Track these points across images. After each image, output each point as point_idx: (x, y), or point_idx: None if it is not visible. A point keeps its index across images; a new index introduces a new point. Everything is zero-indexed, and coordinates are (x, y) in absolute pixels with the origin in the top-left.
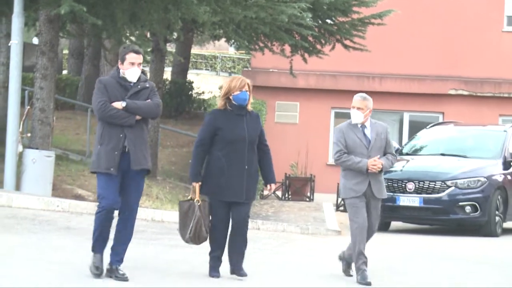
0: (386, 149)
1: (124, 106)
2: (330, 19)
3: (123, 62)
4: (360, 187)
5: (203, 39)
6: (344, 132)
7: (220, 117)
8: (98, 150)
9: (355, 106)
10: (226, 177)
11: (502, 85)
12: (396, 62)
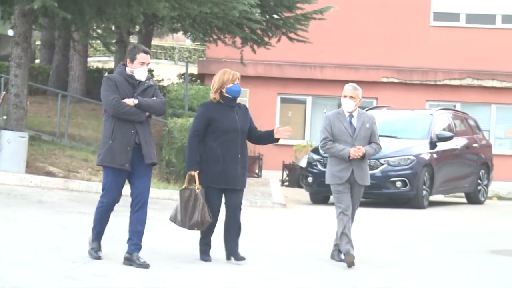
0: (371, 138)
1: (136, 103)
2: (276, 14)
3: (132, 61)
4: (343, 174)
5: (162, 32)
6: (331, 120)
7: (212, 108)
8: (110, 145)
9: (348, 95)
10: (221, 165)
11: (429, 73)
12: (335, 52)
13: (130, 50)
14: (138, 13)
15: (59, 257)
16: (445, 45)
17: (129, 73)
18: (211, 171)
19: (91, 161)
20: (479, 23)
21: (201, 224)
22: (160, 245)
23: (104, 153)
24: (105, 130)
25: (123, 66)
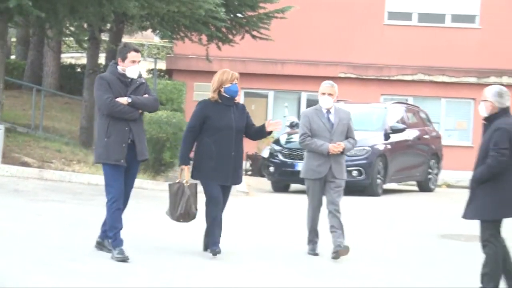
0: (348, 134)
1: (130, 102)
2: (240, 13)
3: (124, 60)
4: (322, 168)
5: (132, 30)
6: (309, 117)
7: (210, 107)
8: (106, 143)
9: (326, 92)
10: (215, 161)
11: (383, 69)
12: (295, 49)
13: (121, 49)
14: (109, 12)
15: (34, 243)
16: (398, 43)
17: (121, 72)
18: (205, 167)
19: (65, 151)
20: (430, 22)
21: (186, 216)
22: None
23: (101, 150)
24: (100, 128)
25: (114, 65)
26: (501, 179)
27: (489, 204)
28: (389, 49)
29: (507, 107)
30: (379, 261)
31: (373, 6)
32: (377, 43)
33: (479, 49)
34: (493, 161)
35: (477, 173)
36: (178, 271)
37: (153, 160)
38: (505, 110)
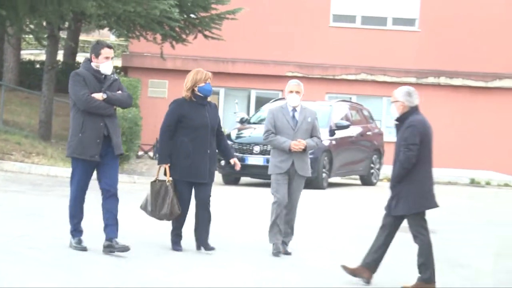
0: (313, 132)
1: (105, 98)
2: (193, 14)
3: (97, 57)
4: (284, 164)
5: (89, 28)
6: (274, 114)
7: (184, 105)
8: (80, 138)
9: (293, 91)
10: (191, 160)
11: (328, 69)
12: (245, 49)
13: (94, 47)
14: (68, 11)
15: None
16: (343, 44)
17: (95, 68)
18: (181, 165)
19: (24, 144)
20: (372, 24)
21: (170, 215)
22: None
23: (75, 145)
24: (74, 123)
25: (88, 62)
26: (417, 173)
27: (411, 199)
28: (334, 50)
29: (416, 105)
30: (324, 251)
31: (319, 9)
32: (322, 44)
33: (418, 51)
34: (403, 157)
35: (394, 173)
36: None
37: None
38: (415, 108)
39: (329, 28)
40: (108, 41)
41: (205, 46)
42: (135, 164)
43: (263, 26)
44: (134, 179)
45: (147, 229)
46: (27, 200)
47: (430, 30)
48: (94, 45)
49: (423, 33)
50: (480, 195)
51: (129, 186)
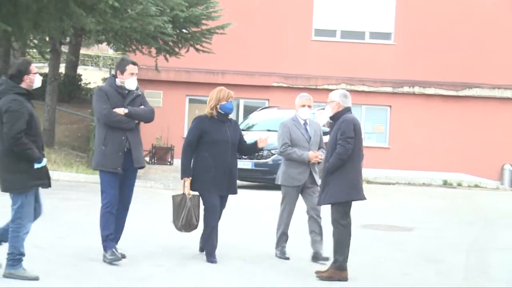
0: (320, 144)
1: (126, 112)
2: (185, 29)
3: (122, 73)
4: (303, 176)
5: (89, 43)
6: (289, 127)
7: (206, 122)
8: (103, 151)
9: (305, 104)
10: (212, 173)
11: (311, 79)
12: (234, 61)
13: (119, 63)
14: (69, 27)
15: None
16: (324, 56)
17: (119, 84)
18: (203, 179)
19: None
20: (351, 38)
21: (188, 227)
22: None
23: (99, 158)
24: (98, 137)
25: (113, 78)
26: (349, 166)
27: (341, 188)
28: (316, 62)
29: (349, 107)
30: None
31: (302, 24)
32: (305, 57)
33: (394, 62)
34: (341, 149)
35: (329, 164)
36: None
37: None
38: (348, 109)
39: (311, 41)
40: (106, 54)
41: (196, 59)
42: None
43: (251, 40)
44: None
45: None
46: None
47: (405, 43)
48: (120, 62)
49: (398, 46)
50: (452, 196)
51: None
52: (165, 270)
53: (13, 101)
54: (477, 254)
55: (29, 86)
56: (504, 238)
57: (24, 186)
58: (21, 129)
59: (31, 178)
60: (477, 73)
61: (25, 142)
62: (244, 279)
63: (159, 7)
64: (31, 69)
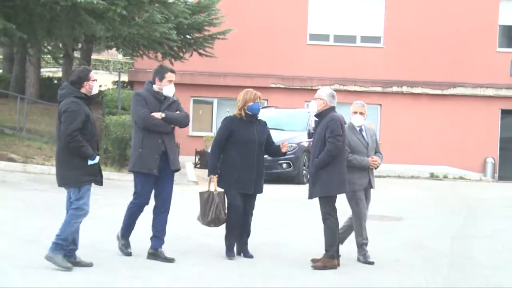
0: (376, 149)
1: (164, 117)
2: (189, 35)
3: (161, 80)
4: (363, 181)
5: (99, 48)
6: (347, 134)
7: (235, 122)
8: (140, 153)
9: (357, 111)
10: (238, 172)
11: (306, 80)
12: (234, 64)
13: (158, 70)
14: (80, 34)
15: (19, 225)
16: (318, 59)
17: (156, 90)
18: (230, 177)
19: (45, 149)
20: (343, 42)
21: (217, 222)
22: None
23: (135, 160)
24: (135, 139)
25: (150, 84)
26: (337, 162)
27: (331, 183)
28: (311, 64)
29: (334, 106)
30: (306, 239)
31: (298, 29)
32: (301, 59)
33: (383, 64)
34: (331, 146)
35: (319, 160)
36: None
37: (118, 155)
38: (333, 108)
39: (306, 45)
40: (116, 59)
41: (199, 63)
42: None
43: (250, 45)
44: None
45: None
46: (47, 198)
47: (393, 46)
48: (159, 69)
49: (387, 49)
50: (438, 187)
51: (131, 184)
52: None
53: (72, 103)
54: (461, 240)
55: (88, 92)
56: (486, 226)
57: (78, 181)
58: (76, 128)
59: (85, 174)
60: (461, 73)
61: (80, 140)
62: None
63: (164, 14)
64: (90, 76)
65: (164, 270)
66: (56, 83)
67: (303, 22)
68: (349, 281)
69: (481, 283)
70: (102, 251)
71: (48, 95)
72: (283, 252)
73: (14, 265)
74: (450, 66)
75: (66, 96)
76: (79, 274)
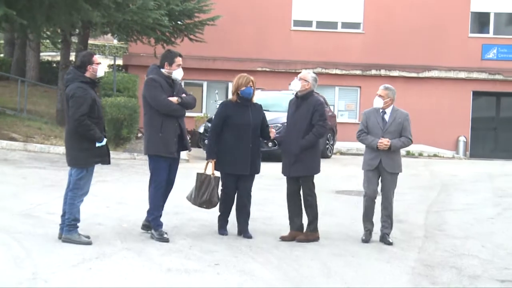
0: (402, 132)
1: (180, 101)
2: (180, 21)
3: (171, 64)
4: (373, 162)
5: (96, 34)
6: (367, 115)
7: (230, 107)
8: (161, 137)
9: (378, 94)
10: (233, 154)
11: (290, 64)
12: (223, 49)
13: (167, 55)
14: (78, 20)
15: (20, 200)
16: (302, 44)
17: (166, 74)
18: (225, 159)
19: (44, 129)
20: (326, 28)
21: (209, 203)
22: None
23: (156, 144)
24: (153, 124)
25: (158, 68)
26: (318, 143)
27: (315, 162)
28: (295, 49)
29: (314, 90)
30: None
31: (283, 16)
32: (286, 44)
33: (363, 48)
34: (321, 129)
35: (306, 141)
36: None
37: (113, 135)
38: (313, 91)
39: (291, 31)
40: (111, 44)
41: (190, 47)
42: (135, 144)
43: (238, 30)
44: (134, 156)
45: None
46: (47, 174)
47: (372, 32)
48: (167, 54)
49: (367, 35)
50: (414, 164)
51: (130, 162)
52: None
53: (78, 88)
54: (435, 214)
55: (92, 75)
56: (458, 200)
57: (86, 162)
58: (84, 112)
59: (92, 156)
60: (435, 58)
61: (88, 123)
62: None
63: (156, 1)
64: (94, 59)
65: (156, 242)
66: (55, 66)
67: (287, 9)
68: (328, 251)
69: (451, 252)
70: (97, 225)
71: (47, 78)
72: (269, 226)
73: (14, 238)
74: (425, 50)
75: (72, 81)
76: (76, 245)
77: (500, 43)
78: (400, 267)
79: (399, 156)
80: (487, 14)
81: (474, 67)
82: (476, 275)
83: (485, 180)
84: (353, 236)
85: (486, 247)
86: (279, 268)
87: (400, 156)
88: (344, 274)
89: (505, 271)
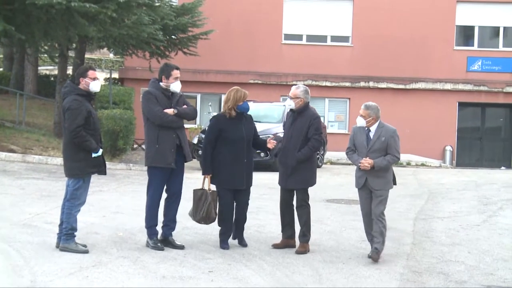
0: (388, 150)
1: (176, 112)
2: (174, 35)
3: (168, 77)
4: (360, 180)
5: (92, 48)
6: (355, 132)
7: (223, 121)
8: (157, 149)
9: (360, 113)
10: (229, 169)
11: (281, 77)
12: (216, 62)
13: (164, 69)
14: (74, 35)
15: (19, 210)
16: (293, 57)
17: (164, 87)
18: (222, 175)
19: (42, 141)
20: (315, 41)
21: (207, 219)
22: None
23: (153, 155)
24: (150, 136)
25: (156, 82)
26: (313, 156)
27: (311, 175)
28: (286, 62)
29: (309, 101)
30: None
31: (274, 30)
32: (277, 57)
33: (352, 61)
34: (317, 143)
35: (302, 154)
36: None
37: (110, 146)
38: (308, 103)
39: (282, 44)
40: (107, 58)
41: (184, 60)
42: (131, 154)
43: (230, 44)
44: (130, 167)
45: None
46: (45, 185)
47: (361, 45)
48: (164, 67)
49: (355, 48)
50: (402, 173)
51: (126, 172)
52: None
53: (74, 101)
54: (423, 221)
55: (85, 88)
56: (445, 208)
57: (82, 172)
58: (79, 124)
59: (88, 166)
60: (422, 70)
61: (83, 134)
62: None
63: (151, 16)
64: (88, 74)
65: (151, 250)
66: (52, 80)
67: (278, 23)
68: (319, 258)
69: (438, 259)
70: (93, 234)
71: (45, 92)
72: (262, 234)
73: (13, 247)
74: (412, 63)
75: (68, 94)
76: (74, 254)
77: (484, 55)
78: (389, 273)
79: (388, 173)
80: (472, 27)
81: (460, 79)
82: (463, 281)
83: (471, 188)
84: (344, 243)
85: (472, 253)
86: (272, 275)
87: (391, 173)
88: (335, 280)
89: (491, 277)
